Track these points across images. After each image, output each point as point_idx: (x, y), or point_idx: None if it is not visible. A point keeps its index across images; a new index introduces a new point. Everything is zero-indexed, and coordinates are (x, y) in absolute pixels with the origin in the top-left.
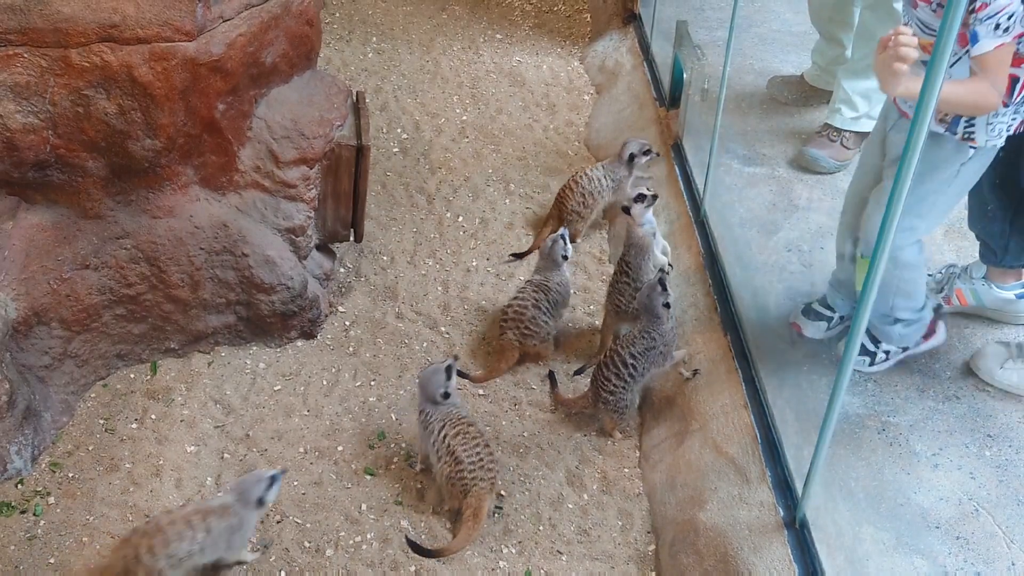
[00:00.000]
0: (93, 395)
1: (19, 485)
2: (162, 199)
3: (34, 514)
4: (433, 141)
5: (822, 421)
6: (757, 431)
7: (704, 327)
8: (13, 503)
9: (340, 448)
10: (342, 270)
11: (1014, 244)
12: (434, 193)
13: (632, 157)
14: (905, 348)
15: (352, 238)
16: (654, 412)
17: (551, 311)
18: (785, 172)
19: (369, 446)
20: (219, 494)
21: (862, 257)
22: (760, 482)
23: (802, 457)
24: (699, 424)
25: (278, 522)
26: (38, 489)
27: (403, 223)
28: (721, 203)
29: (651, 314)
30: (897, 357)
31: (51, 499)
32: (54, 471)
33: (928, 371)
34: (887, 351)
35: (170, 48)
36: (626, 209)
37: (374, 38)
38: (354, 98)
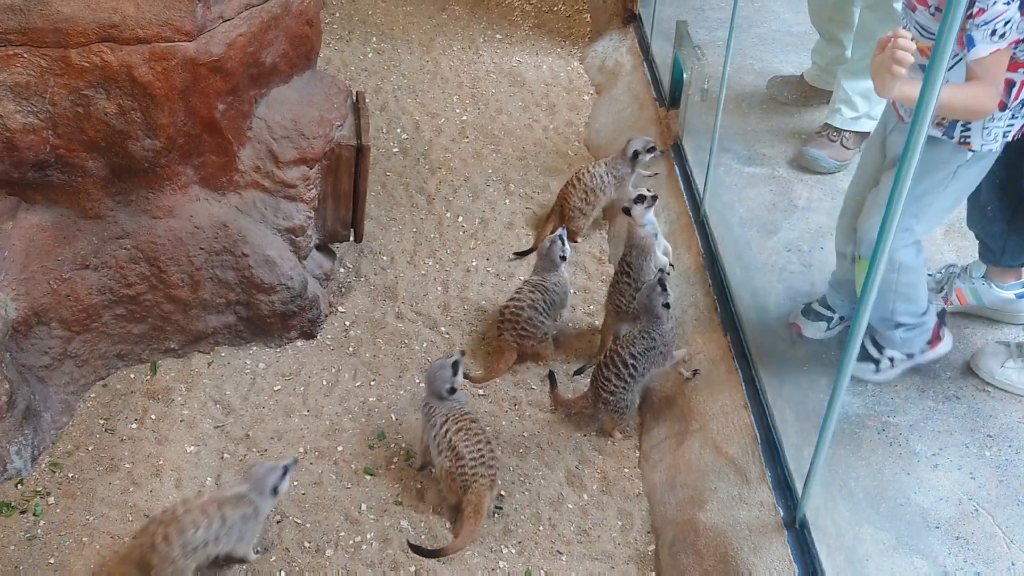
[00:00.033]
0: (93, 395)
1: (19, 485)
2: (162, 199)
3: (34, 514)
4: (433, 141)
5: (822, 421)
6: (757, 431)
7: (704, 327)
8: (13, 503)
9: (340, 448)
10: (342, 270)
11: (1013, 244)
12: (434, 193)
13: (636, 154)
14: (910, 355)
15: (352, 238)
16: (654, 412)
17: (548, 311)
18: (785, 172)
19: (369, 446)
20: (231, 485)
21: (860, 258)
22: (760, 482)
23: (802, 457)
24: (699, 424)
25: (278, 522)
26: (38, 489)
27: (403, 223)
28: (721, 203)
29: (651, 314)
30: (903, 365)
31: (51, 499)
32: (54, 471)
33: (928, 371)
34: (891, 358)
35: (170, 48)
36: (627, 210)
37: (374, 38)
38: (354, 98)
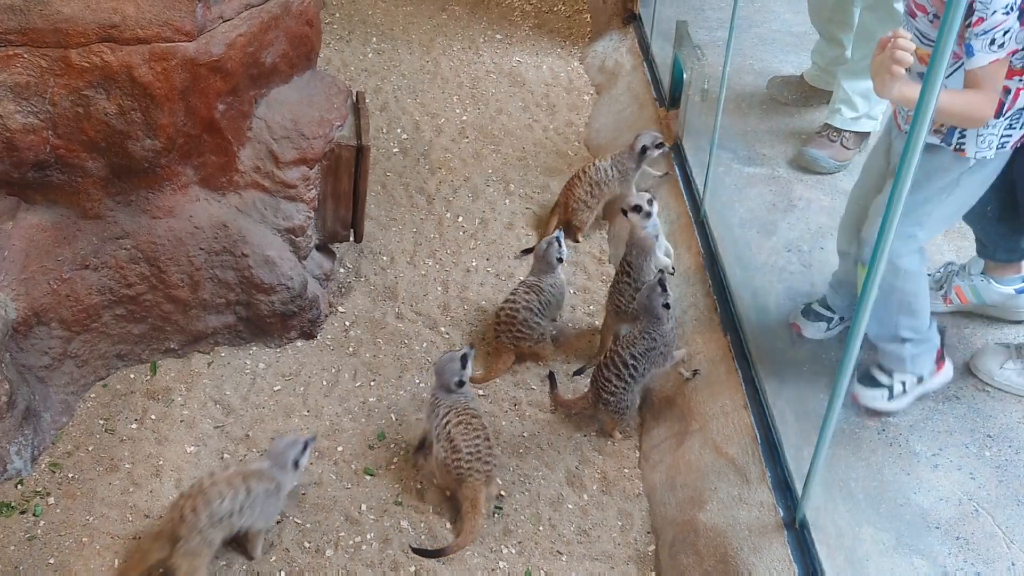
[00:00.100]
0: (93, 395)
1: (19, 485)
2: (162, 199)
3: (34, 514)
4: (433, 141)
5: (822, 421)
6: (757, 431)
7: (704, 327)
8: (13, 503)
9: (340, 448)
10: (342, 270)
11: (1005, 239)
12: (434, 193)
13: (644, 149)
14: (920, 378)
15: (352, 238)
16: (654, 412)
17: (543, 312)
18: (785, 172)
19: (369, 446)
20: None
21: (864, 264)
22: (760, 482)
23: (802, 457)
24: (699, 424)
25: (278, 522)
26: (38, 489)
27: (403, 223)
28: (721, 203)
29: (651, 315)
30: (915, 391)
31: (51, 499)
32: (54, 471)
33: None
34: (903, 381)
35: (170, 48)
36: (625, 212)
37: (374, 38)
38: (354, 98)
